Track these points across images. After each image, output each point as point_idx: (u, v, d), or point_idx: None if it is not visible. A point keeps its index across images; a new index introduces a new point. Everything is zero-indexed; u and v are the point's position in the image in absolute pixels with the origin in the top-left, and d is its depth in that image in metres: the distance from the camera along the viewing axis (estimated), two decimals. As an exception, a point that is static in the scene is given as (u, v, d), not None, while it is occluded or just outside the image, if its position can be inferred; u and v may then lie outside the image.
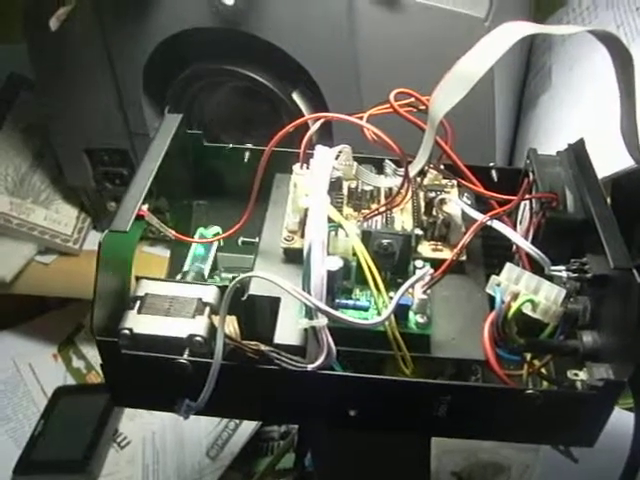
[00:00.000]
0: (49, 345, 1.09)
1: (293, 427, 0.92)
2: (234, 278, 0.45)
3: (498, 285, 0.46)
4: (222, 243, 0.60)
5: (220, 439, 0.94)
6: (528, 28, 0.47)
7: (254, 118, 0.87)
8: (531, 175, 0.55)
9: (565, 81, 0.86)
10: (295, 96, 0.79)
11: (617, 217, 0.50)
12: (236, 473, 0.93)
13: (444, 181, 0.57)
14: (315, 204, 0.46)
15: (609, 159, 0.66)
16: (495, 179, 0.60)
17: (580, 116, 0.79)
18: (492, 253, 0.56)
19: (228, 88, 0.85)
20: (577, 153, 0.56)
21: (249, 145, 0.61)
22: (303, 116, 0.79)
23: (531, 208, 0.54)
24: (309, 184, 0.49)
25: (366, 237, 0.48)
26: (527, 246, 0.48)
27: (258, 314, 0.51)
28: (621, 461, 0.49)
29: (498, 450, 0.79)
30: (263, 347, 0.45)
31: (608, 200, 0.67)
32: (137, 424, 0.98)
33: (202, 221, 0.63)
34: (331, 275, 0.45)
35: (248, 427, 0.94)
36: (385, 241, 0.48)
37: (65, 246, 1.02)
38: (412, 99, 0.53)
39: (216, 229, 0.60)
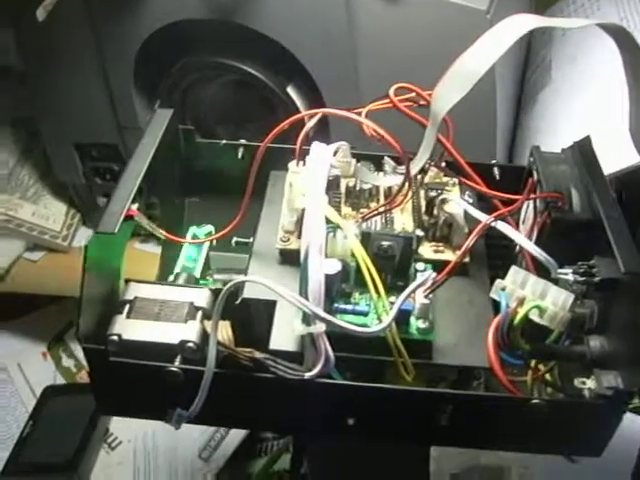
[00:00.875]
0: (38, 343, 1.07)
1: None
2: (227, 281, 0.43)
3: (503, 290, 0.44)
4: (215, 242, 0.58)
5: (213, 440, 0.92)
6: (533, 21, 0.46)
7: (249, 111, 0.85)
8: (535, 174, 0.53)
9: (566, 75, 0.84)
10: (290, 90, 0.77)
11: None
12: (229, 475, 0.92)
13: (445, 179, 0.56)
14: (312, 205, 0.44)
15: (612, 156, 0.64)
16: (497, 177, 0.58)
17: (581, 112, 0.77)
18: (495, 253, 0.54)
19: (222, 81, 0.83)
20: (583, 151, 0.54)
21: (243, 141, 0.59)
22: (298, 110, 0.77)
23: (535, 208, 0.52)
24: (306, 183, 0.47)
25: (365, 239, 0.46)
26: (533, 249, 0.46)
27: (254, 318, 0.49)
28: (623, 461, 0.48)
29: (498, 452, 0.77)
30: (258, 354, 0.43)
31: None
32: (128, 424, 0.96)
33: (195, 219, 0.61)
34: (329, 279, 0.43)
35: (241, 428, 0.92)
36: (385, 243, 0.46)
37: (54, 242, 1.00)
38: (412, 94, 0.51)
39: (209, 228, 0.58)
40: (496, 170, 0.59)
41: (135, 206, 0.48)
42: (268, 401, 0.45)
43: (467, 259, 0.50)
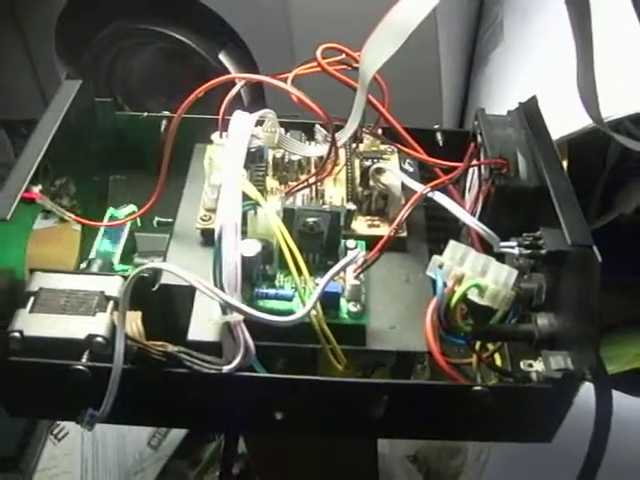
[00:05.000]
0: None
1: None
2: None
3: (440, 267, 0.40)
4: (140, 223, 0.54)
5: (162, 427, 0.88)
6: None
7: (181, 82, 0.80)
8: (479, 138, 0.49)
9: (517, 34, 0.80)
10: (222, 57, 0.73)
11: (575, 179, 0.44)
12: (181, 461, 0.88)
13: (382, 147, 0.52)
14: (227, 180, 0.40)
15: (565, 118, 0.61)
16: (441, 143, 0.55)
17: (532, 72, 0.74)
18: (438, 226, 0.51)
19: (151, 50, 0.79)
20: (529, 112, 0.50)
21: (166, 113, 0.55)
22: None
23: (480, 175, 0.48)
24: (223, 157, 0.43)
25: (289, 215, 0.42)
26: (472, 221, 0.43)
27: (176, 306, 0.45)
28: (581, 438, 0.44)
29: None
30: (171, 348, 0.39)
31: (565, 163, 0.63)
32: (75, 414, 0.92)
33: (119, 199, 0.57)
34: (247, 262, 0.39)
35: (191, 414, 0.89)
36: (311, 219, 0.42)
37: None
38: (342, 55, 0.47)
39: (131, 208, 0.54)
40: (439, 136, 0.55)
41: (37, 188, 0.44)
42: (186, 398, 0.41)
43: (404, 233, 0.47)
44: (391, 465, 0.75)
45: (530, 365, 0.41)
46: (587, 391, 0.43)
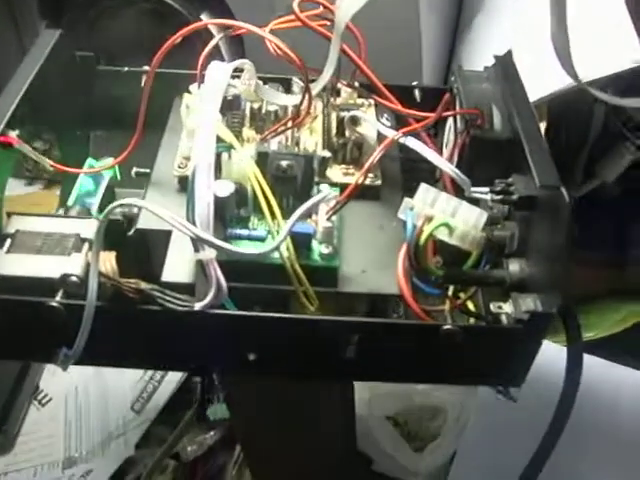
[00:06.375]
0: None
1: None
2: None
3: (412, 209, 0.41)
4: (119, 177, 0.54)
5: (145, 392, 0.89)
6: None
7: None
8: (455, 91, 0.50)
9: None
10: (204, 17, 0.72)
11: (558, 149, 0.45)
12: (163, 426, 0.89)
13: (360, 100, 0.52)
14: (201, 122, 0.40)
15: (543, 80, 0.61)
16: (418, 99, 0.55)
17: (512, 35, 0.74)
18: (414, 177, 0.50)
19: (133, 11, 0.78)
20: (504, 66, 0.51)
21: (146, 67, 0.55)
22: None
23: (455, 128, 0.49)
24: (199, 102, 0.43)
25: (263, 159, 0.43)
26: (445, 165, 0.43)
27: (152, 251, 0.45)
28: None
29: (432, 392, 0.75)
30: (144, 285, 0.39)
31: (543, 125, 0.63)
32: (59, 379, 0.92)
33: (101, 154, 0.57)
34: (220, 202, 0.39)
35: (174, 378, 0.89)
36: (284, 163, 0.42)
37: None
38: (321, 8, 0.47)
39: (110, 160, 0.53)
40: (417, 92, 0.55)
41: (14, 133, 0.44)
42: (159, 336, 0.41)
43: (378, 181, 0.47)
44: (371, 425, 0.75)
45: (500, 307, 0.41)
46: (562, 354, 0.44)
